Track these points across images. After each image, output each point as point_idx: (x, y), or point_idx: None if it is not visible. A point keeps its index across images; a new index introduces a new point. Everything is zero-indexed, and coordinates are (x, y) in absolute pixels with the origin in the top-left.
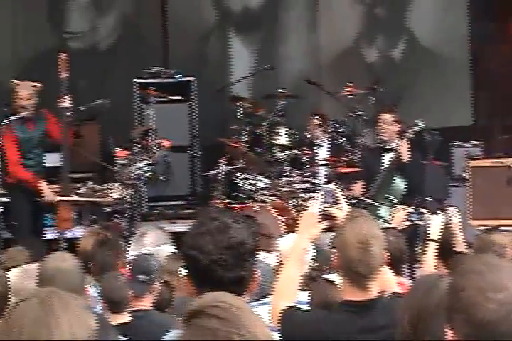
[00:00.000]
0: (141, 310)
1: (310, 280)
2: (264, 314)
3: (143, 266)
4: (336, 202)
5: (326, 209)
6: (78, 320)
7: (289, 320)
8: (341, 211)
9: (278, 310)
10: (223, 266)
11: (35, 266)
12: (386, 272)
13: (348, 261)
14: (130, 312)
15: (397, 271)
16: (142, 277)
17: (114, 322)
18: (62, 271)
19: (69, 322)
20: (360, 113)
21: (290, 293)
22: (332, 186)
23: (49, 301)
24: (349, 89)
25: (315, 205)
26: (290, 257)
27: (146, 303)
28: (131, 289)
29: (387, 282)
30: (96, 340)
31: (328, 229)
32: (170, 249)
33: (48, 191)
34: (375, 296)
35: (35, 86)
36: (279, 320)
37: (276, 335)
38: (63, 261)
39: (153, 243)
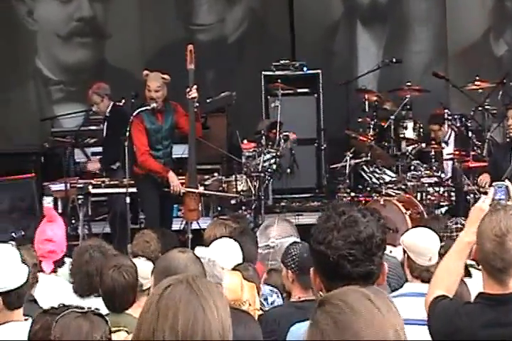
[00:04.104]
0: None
1: None
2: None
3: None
4: (509, 199)
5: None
6: (221, 304)
7: (433, 310)
8: None
9: (429, 300)
10: (352, 261)
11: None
12: None
13: (484, 253)
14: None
15: None
16: None
17: None
18: (181, 261)
19: (215, 304)
20: (487, 107)
21: (446, 283)
22: (507, 183)
23: (196, 285)
24: (477, 83)
25: (486, 200)
26: (452, 249)
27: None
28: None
29: None
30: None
31: None
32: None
33: (176, 182)
34: None
35: (164, 78)
36: (428, 309)
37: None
38: (182, 253)
39: (278, 235)
